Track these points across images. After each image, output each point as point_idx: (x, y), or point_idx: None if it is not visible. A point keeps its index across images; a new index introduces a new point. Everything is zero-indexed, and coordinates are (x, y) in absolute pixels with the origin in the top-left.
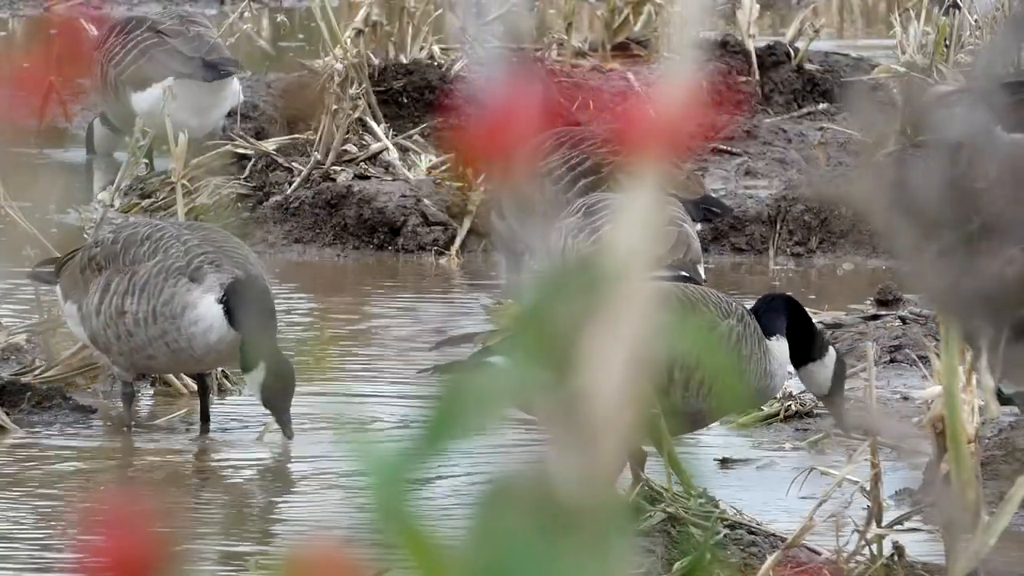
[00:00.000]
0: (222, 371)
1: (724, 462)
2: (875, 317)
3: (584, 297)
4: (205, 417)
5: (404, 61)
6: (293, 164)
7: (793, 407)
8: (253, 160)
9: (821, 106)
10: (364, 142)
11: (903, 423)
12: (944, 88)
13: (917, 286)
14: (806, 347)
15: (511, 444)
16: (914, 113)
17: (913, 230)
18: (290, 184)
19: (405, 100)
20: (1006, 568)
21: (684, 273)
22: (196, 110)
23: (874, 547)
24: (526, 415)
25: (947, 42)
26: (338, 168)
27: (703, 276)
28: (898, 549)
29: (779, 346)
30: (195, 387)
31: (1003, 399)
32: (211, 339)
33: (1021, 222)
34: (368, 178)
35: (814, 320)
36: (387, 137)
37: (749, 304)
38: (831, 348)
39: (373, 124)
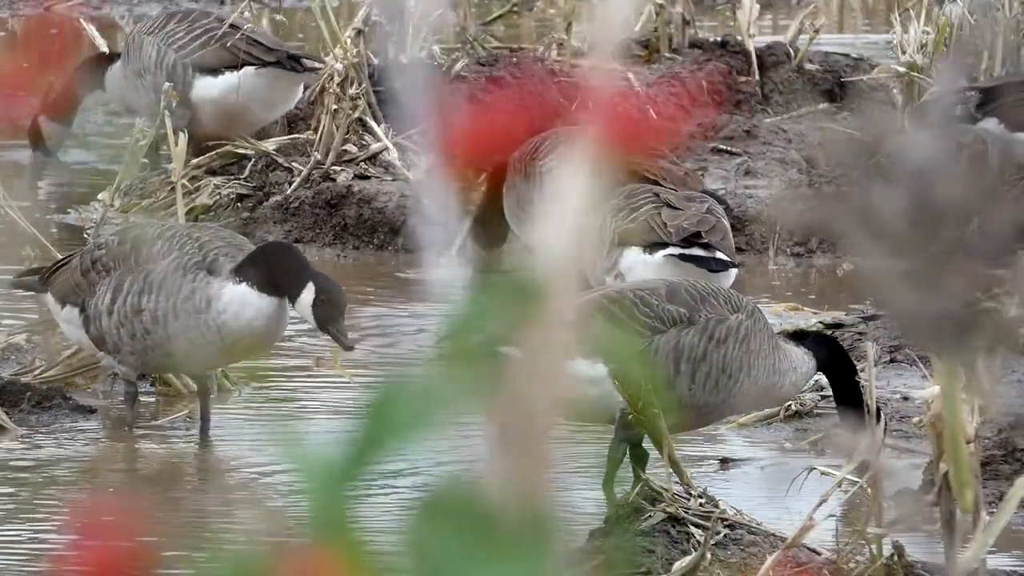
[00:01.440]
0: (222, 371)
1: (724, 462)
2: (875, 317)
3: (517, 303)
4: (205, 418)
5: (404, 61)
6: (293, 164)
7: (793, 407)
8: (253, 160)
9: (821, 106)
10: (364, 142)
11: (867, 446)
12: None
13: (885, 308)
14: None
15: (449, 451)
16: (877, 136)
17: (879, 252)
18: (290, 184)
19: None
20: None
21: (721, 254)
22: (266, 103)
23: (874, 547)
24: (465, 421)
25: (947, 42)
26: (338, 168)
27: (737, 261)
28: (898, 549)
29: (797, 351)
30: (195, 387)
31: None
32: (244, 319)
33: (986, 243)
34: (368, 178)
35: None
36: (387, 137)
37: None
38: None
39: (373, 124)
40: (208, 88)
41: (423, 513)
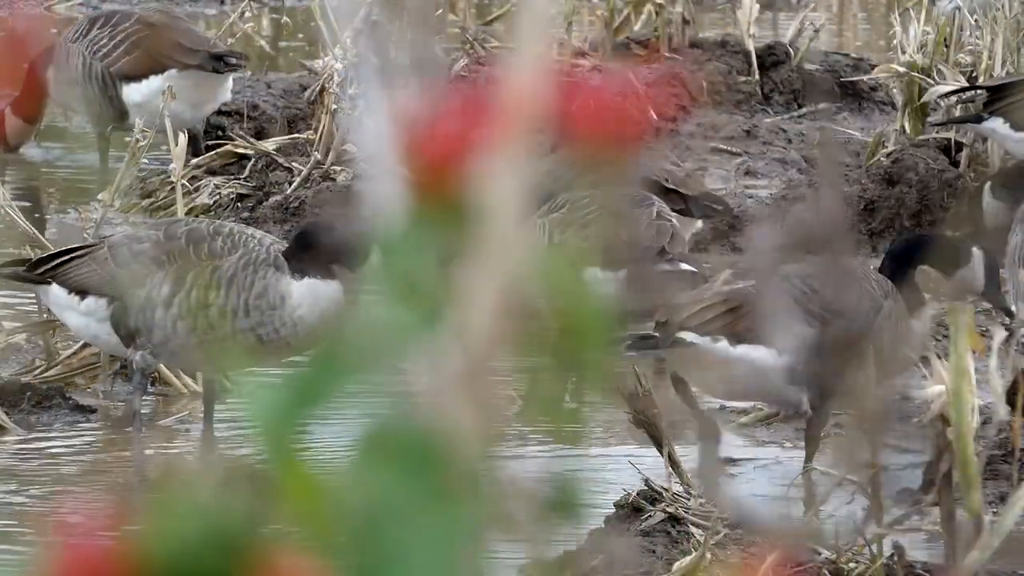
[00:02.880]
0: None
1: (724, 462)
2: None
3: (453, 239)
4: (209, 419)
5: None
6: (293, 164)
7: None
8: (253, 160)
9: (821, 106)
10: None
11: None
12: (943, 88)
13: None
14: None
15: (397, 390)
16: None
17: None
18: (290, 184)
19: None
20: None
21: (685, 265)
22: (193, 103)
23: (874, 547)
24: (408, 361)
25: (947, 42)
26: (338, 168)
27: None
28: (898, 549)
29: (920, 326)
30: (195, 387)
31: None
32: (319, 310)
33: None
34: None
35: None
36: None
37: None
38: (975, 250)
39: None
40: (133, 94)
41: (362, 450)
